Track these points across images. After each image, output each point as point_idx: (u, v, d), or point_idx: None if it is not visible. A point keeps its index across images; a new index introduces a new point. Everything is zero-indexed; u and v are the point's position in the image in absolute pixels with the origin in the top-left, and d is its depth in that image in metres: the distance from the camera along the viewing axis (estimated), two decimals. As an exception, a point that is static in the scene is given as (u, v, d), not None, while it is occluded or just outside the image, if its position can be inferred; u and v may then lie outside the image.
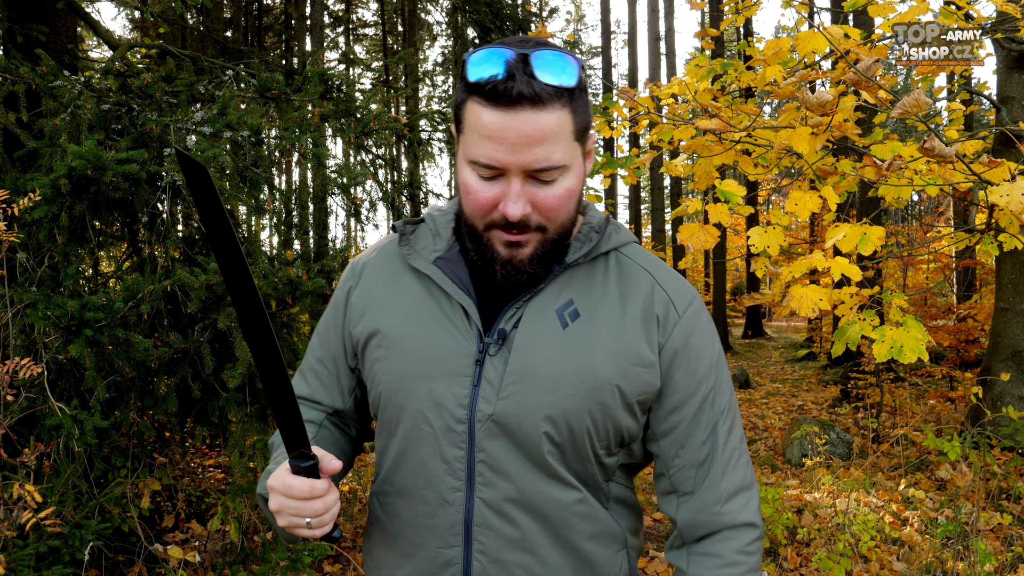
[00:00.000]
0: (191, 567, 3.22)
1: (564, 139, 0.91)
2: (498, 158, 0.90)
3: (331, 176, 3.42)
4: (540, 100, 0.87)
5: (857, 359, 8.22)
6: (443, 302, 1.02)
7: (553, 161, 0.90)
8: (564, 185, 0.94)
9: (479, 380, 0.99)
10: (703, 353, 1.04)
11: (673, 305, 1.03)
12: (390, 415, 1.04)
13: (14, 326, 2.46)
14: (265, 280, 2.64)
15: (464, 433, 0.99)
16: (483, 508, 1.00)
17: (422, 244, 1.06)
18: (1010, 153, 4.64)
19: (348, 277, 1.14)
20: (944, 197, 14.01)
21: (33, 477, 2.36)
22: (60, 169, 2.36)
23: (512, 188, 0.91)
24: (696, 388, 1.03)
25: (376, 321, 1.05)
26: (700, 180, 3.22)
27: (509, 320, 1.00)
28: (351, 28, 20.28)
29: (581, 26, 35.29)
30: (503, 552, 1.00)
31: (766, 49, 3.05)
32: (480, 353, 0.99)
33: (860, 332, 2.54)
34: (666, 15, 19.22)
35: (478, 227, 0.97)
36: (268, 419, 2.78)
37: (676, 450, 1.04)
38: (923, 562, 3.54)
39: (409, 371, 1.01)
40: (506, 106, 0.87)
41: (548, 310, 1.00)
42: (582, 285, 1.02)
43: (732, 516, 1.03)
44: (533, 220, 0.94)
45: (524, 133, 0.88)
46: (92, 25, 3.91)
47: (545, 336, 0.99)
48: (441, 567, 1.02)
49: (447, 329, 1.01)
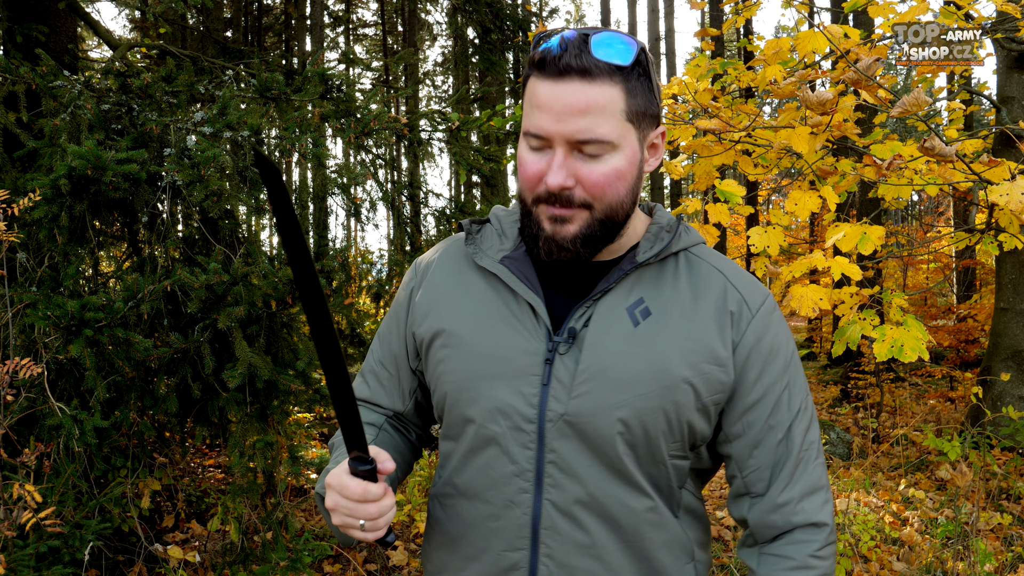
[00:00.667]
0: (191, 567, 3.22)
1: (613, 116, 0.91)
2: (544, 127, 0.91)
3: (331, 176, 3.42)
4: (589, 72, 0.89)
5: (857, 359, 8.22)
6: (510, 301, 1.01)
7: (597, 134, 0.90)
8: (611, 163, 0.93)
9: (549, 379, 0.97)
10: (777, 352, 1.02)
11: (746, 303, 1.02)
12: (456, 416, 1.03)
13: (14, 326, 2.46)
14: (265, 280, 2.64)
15: (533, 433, 0.97)
16: (551, 510, 0.97)
17: (488, 243, 1.06)
18: (1010, 153, 4.64)
19: (411, 278, 1.13)
20: (944, 197, 14.00)
21: (33, 477, 2.36)
22: (60, 169, 2.36)
23: (555, 159, 0.92)
24: (770, 388, 1.01)
25: (441, 321, 1.04)
26: (700, 180, 3.22)
27: (579, 319, 0.99)
28: (351, 28, 20.28)
29: (581, 26, 35.26)
30: (570, 557, 0.98)
31: (766, 49, 3.05)
32: (549, 352, 0.98)
33: (860, 332, 2.54)
34: (666, 15, 19.22)
35: (528, 201, 0.98)
36: (268, 419, 2.78)
37: (750, 451, 1.01)
38: (923, 562, 3.54)
39: (476, 370, 1.00)
40: (555, 76, 0.89)
41: (619, 308, 0.99)
42: (652, 284, 1.01)
43: (805, 516, 1.00)
44: (577, 195, 0.94)
45: (569, 103, 0.89)
46: (92, 25, 3.91)
47: (616, 335, 0.97)
48: (505, 571, 1.00)
49: (515, 328, 1.00)
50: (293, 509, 3.05)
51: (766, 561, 1.02)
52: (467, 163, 3.60)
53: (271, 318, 2.73)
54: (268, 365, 2.56)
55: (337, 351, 0.86)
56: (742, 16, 4.08)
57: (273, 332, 2.80)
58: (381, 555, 3.71)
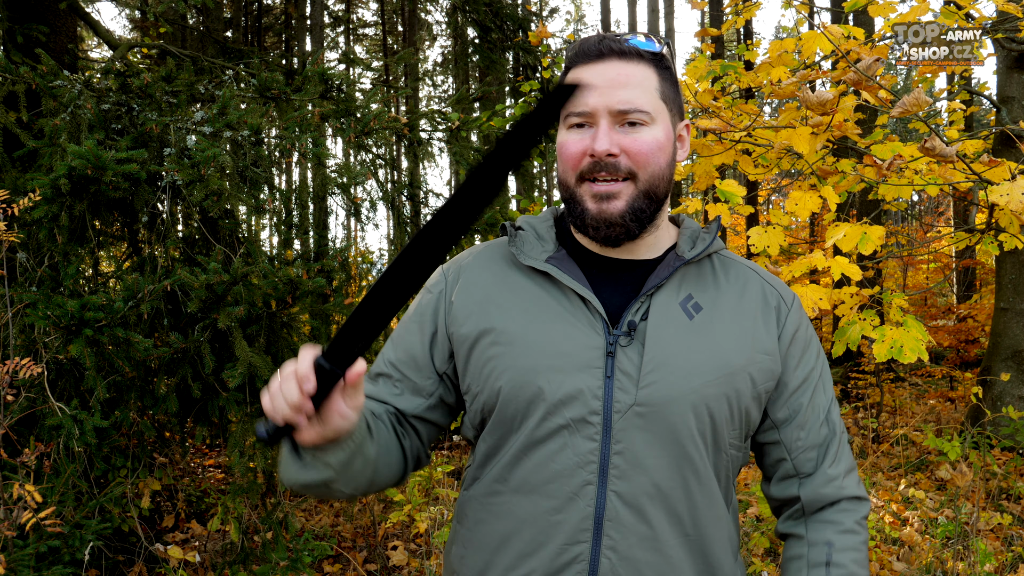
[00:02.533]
0: (191, 567, 3.22)
1: (649, 92, 1.01)
2: (588, 102, 0.99)
3: (331, 176, 3.42)
4: (626, 54, 1.01)
5: (857, 359, 8.22)
6: (562, 298, 1.04)
7: (638, 104, 0.99)
8: (652, 134, 1.01)
9: (612, 371, 0.99)
10: (811, 342, 1.12)
11: (782, 298, 1.11)
12: (512, 411, 1.02)
13: (14, 326, 2.46)
14: (265, 280, 2.64)
15: (599, 425, 0.99)
16: (616, 502, 0.99)
17: (529, 246, 1.08)
18: (1010, 153, 4.64)
19: (439, 281, 1.13)
20: (944, 197, 14.01)
21: (33, 477, 2.36)
22: (60, 169, 2.36)
23: (600, 128, 0.99)
24: (809, 374, 1.10)
25: (489, 319, 1.05)
26: (700, 180, 3.22)
27: (636, 312, 1.03)
28: (351, 28, 20.28)
29: (581, 26, 35.30)
30: (633, 549, 0.99)
31: (770, 51, 3.05)
32: (610, 345, 1.00)
33: (860, 332, 2.54)
34: (666, 15, 19.22)
35: (571, 183, 1.03)
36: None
37: (798, 433, 1.09)
38: (923, 562, 3.54)
39: (536, 365, 1.00)
40: (595, 59, 1.01)
41: (672, 303, 1.04)
42: (696, 281, 1.07)
43: (850, 490, 1.10)
44: (623, 164, 1.00)
45: (610, 77, 0.99)
46: (92, 25, 3.91)
47: (675, 327, 1.02)
48: (567, 565, 0.99)
49: (571, 323, 1.02)
50: (293, 509, 3.05)
51: (815, 527, 1.09)
52: (467, 163, 3.60)
53: (271, 318, 2.73)
54: (268, 365, 2.56)
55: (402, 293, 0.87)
56: (742, 16, 4.08)
57: (273, 332, 2.80)
58: (381, 555, 3.71)
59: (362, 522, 4.13)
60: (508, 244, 1.09)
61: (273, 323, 2.77)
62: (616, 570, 0.98)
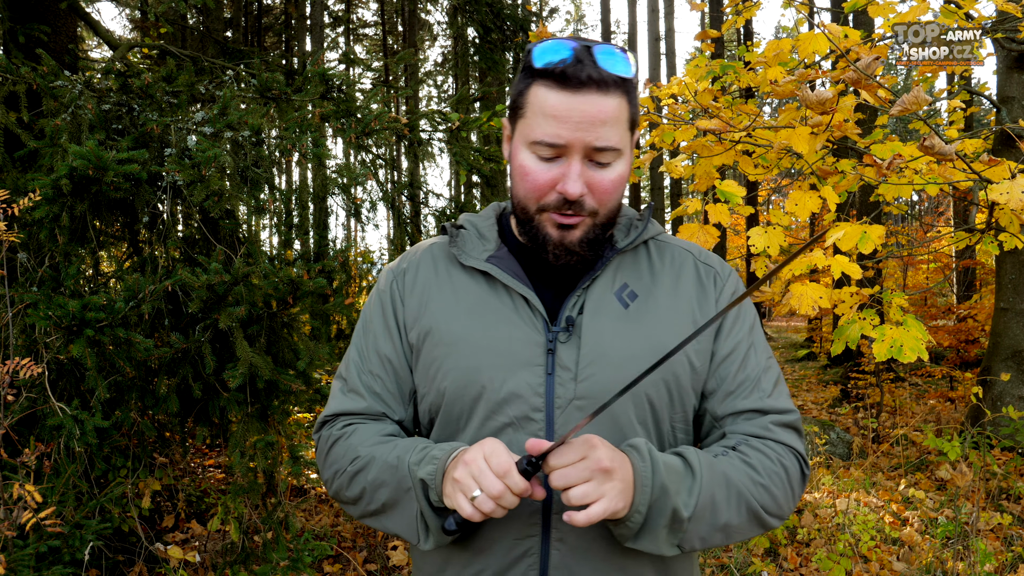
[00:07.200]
0: (191, 567, 3.22)
1: (621, 125, 0.98)
2: (562, 135, 0.95)
3: (331, 176, 3.42)
4: (605, 84, 0.94)
5: (857, 359, 8.22)
6: (503, 296, 1.06)
7: (613, 143, 0.96)
8: (618, 170, 1.00)
9: (553, 368, 1.01)
10: (745, 315, 1.12)
11: (718, 272, 1.13)
12: (458, 411, 1.04)
13: (15, 326, 2.46)
14: (266, 280, 2.64)
15: (542, 420, 1.00)
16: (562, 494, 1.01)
17: (470, 246, 1.10)
18: (1010, 152, 4.64)
19: (389, 282, 1.14)
20: (944, 197, 14.01)
21: (33, 477, 2.36)
22: (61, 169, 2.36)
23: (572, 167, 0.97)
24: (739, 344, 1.09)
25: (433, 319, 1.07)
26: (700, 180, 3.22)
27: (573, 307, 1.04)
28: (351, 28, 20.28)
29: (581, 26, 35.29)
30: (582, 539, 1.00)
31: (767, 51, 3.05)
32: (550, 342, 1.02)
33: (860, 331, 2.55)
34: (666, 15, 19.21)
35: (530, 210, 1.02)
36: (268, 419, 2.79)
37: (723, 400, 1.08)
38: (923, 562, 3.54)
39: (480, 364, 1.02)
40: (575, 87, 0.94)
41: (607, 294, 1.05)
42: (632, 269, 1.09)
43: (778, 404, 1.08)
44: (587, 203, 0.99)
45: (590, 113, 0.94)
46: (92, 25, 3.92)
47: (610, 318, 1.04)
48: (518, 559, 1.01)
49: (512, 321, 1.04)
50: (294, 509, 3.05)
51: (736, 426, 1.07)
52: (467, 163, 3.60)
53: (272, 318, 2.73)
54: (269, 365, 2.56)
55: None
56: (742, 17, 4.08)
57: (274, 332, 2.80)
58: (381, 555, 3.71)
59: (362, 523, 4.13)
60: (449, 245, 1.11)
61: (274, 323, 2.77)
62: (566, 560, 1.00)
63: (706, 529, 0.96)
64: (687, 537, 0.95)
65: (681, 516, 0.92)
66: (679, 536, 0.94)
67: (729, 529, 0.98)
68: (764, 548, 3.79)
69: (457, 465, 0.92)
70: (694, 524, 0.94)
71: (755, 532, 1.02)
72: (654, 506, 0.91)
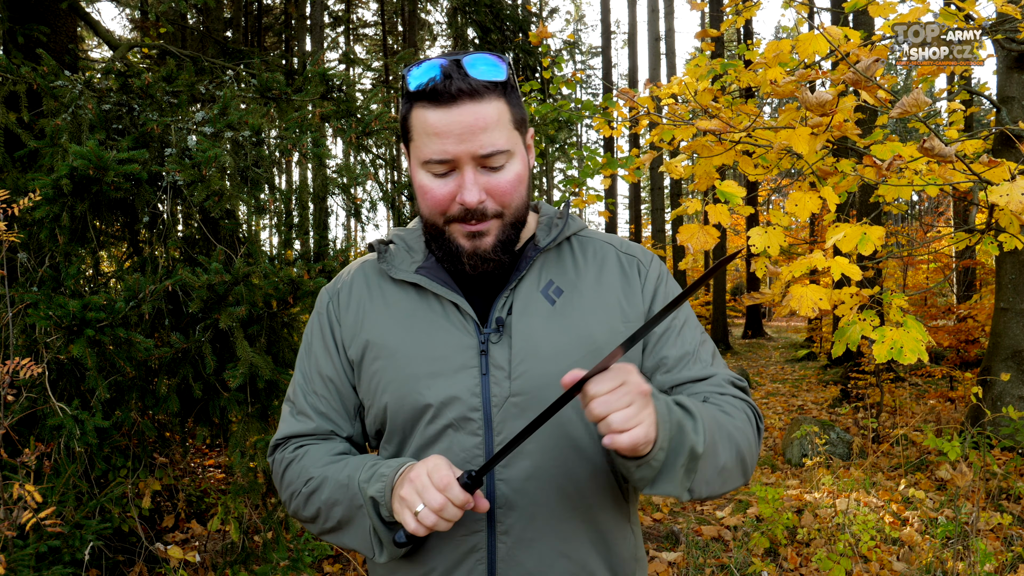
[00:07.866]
0: (191, 567, 3.22)
1: (504, 126, 1.00)
2: (448, 150, 0.98)
3: (332, 176, 3.42)
4: (477, 93, 0.97)
5: (857, 359, 8.22)
6: (434, 304, 1.09)
7: (498, 145, 0.99)
8: (512, 171, 1.02)
9: (487, 368, 1.05)
10: (674, 291, 1.16)
11: (640, 261, 1.17)
12: (401, 420, 1.08)
13: (15, 326, 2.46)
14: (266, 280, 2.64)
15: (480, 420, 1.04)
16: (504, 489, 1.03)
17: (399, 259, 1.14)
18: (1010, 153, 4.64)
19: (327, 302, 1.18)
20: (944, 197, 14.01)
21: (33, 477, 2.36)
22: (61, 169, 2.36)
23: (466, 177, 0.99)
24: (671, 323, 1.13)
25: (369, 334, 1.10)
26: (700, 180, 3.22)
27: (502, 308, 1.07)
28: (351, 28, 20.28)
29: (581, 26, 35.30)
30: (526, 531, 1.04)
31: (767, 51, 3.05)
32: (482, 344, 1.05)
33: (860, 332, 2.55)
34: (666, 15, 19.22)
35: (439, 224, 1.05)
36: (269, 419, 2.79)
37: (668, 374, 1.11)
38: (923, 562, 3.54)
39: (417, 372, 1.06)
40: (448, 103, 0.97)
41: (534, 292, 1.09)
42: (556, 266, 1.13)
43: (722, 370, 1.13)
44: (490, 208, 1.02)
45: (468, 123, 0.97)
46: (92, 25, 3.92)
47: (538, 315, 1.07)
48: (466, 554, 1.04)
49: (444, 328, 1.07)
50: (293, 509, 3.04)
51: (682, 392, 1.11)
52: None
53: (272, 318, 2.73)
54: (269, 365, 2.56)
55: None
56: (742, 16, 4.08)
57: (274, 332, 2.81)
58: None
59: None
60: (378, 261, 1.14)
61: (274, 323, 2.77)
62: (512, 552, 1.04)
63: (710, 471, 0.97)
64: (698, 479, 0.96)
65: (696, 453, 0.93)
66: (691, 478, 0.95)
67: (725, 473, 1.00)
68: (764, 548, 3.79)
69: (403, 482, 0.95)
70: (703, 464, 0.95)
71: (740, 480, 1.04)
72: (673, 441, 0.93)
